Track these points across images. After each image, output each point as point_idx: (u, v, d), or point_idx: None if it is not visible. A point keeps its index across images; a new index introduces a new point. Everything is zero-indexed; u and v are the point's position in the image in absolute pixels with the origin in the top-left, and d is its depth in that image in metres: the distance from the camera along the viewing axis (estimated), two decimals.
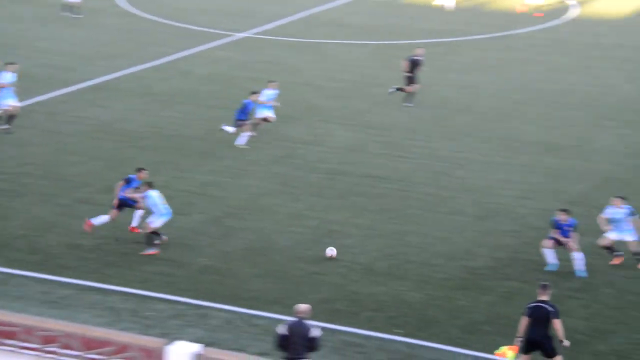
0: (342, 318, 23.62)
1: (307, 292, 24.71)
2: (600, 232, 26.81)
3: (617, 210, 26.55)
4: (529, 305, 20.85)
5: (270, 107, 36.02)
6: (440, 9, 58.66)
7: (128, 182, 27.48)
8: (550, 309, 20.58)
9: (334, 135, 36.77)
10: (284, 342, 19.44)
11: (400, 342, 22.70)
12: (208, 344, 18.92)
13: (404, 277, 25.90)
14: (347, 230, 28.52)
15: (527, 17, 56.26)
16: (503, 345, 20.99)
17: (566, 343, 20.59)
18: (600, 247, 26.71)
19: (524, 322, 20.76)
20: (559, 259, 26.37)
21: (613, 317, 23.98)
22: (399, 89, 39.98)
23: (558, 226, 26.25)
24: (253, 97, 35.14)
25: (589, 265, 26.28)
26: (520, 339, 20.75)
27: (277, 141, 35.54)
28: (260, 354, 21.08)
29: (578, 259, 25.93)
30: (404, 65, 40.03)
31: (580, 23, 55.22)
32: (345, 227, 28.72)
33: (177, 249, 26.77)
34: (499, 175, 32.91)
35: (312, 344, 19.42)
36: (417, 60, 40.04)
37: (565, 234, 26.10)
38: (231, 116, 35.18)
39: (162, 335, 20.95)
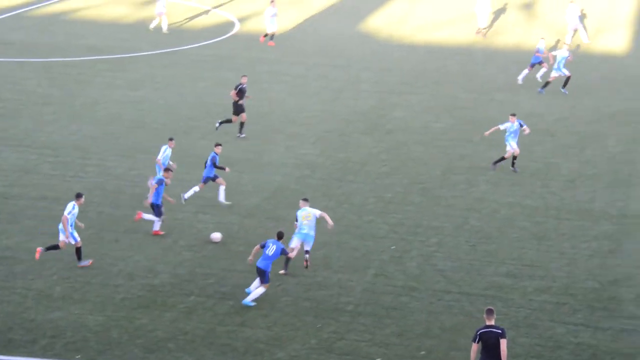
0: (18, 348, 22.96)
1: None
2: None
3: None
4: (478, 331, 20.53)
5: None
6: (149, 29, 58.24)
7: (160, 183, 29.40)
8: (498, 331, 20.43)
9: (1, 158, 35.64)
10: None
11: None
12: None
13: (83, 300, 25.56)
14: (19, 256, 27.74)
15: (193, 34, 56.97)
16: None
17: None
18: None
19: (474, 348, 20.48)
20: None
21: (291, 324, 24.87)
22: (224, 122, 39.40)
23: None
24: None
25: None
26: None
27: None
28: None
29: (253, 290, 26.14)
30: (233, 95, 39.59)
31: (242, 39, 56.62)
32: (17, 253, 27.92)
33: None
34: (175, 191, 33.15)
35: None
36: (243, 88, 39.77)
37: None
38: None
39: None
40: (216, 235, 28.00)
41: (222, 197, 32.45)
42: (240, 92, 39.71)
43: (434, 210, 32.56)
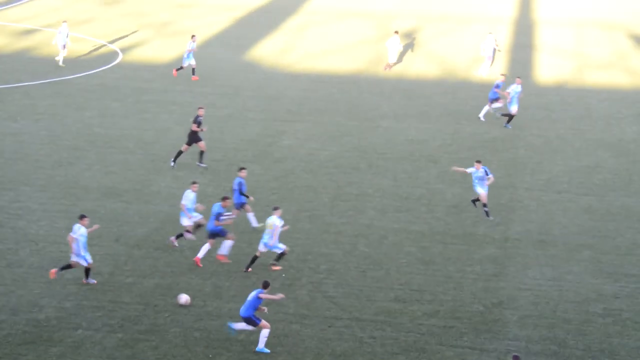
0: None
1: None
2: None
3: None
4: None
5: None
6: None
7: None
8: None
9: None
10: None
11: None
12: None
13: None
14: None
15: (76, 64, 56.32)
16: None
17: None
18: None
19: None
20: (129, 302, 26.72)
21: (181, 356, 24.70)
22: (177, 156, 39.40)
23: None
24: None
25: (155, 306, 26.96)
26: None
27: None
28: None
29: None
30: (194, 127, 39.15)
31: (126, 68, 56.17)
32: None
33: None
34: (61, 223, 32.67)
35: None
36: (199, 120, 39.26)
37: None
38: None
39: None
40: (184, 298, 27.07)
41: (254, 222, 33.01)
42: (198, 124, 39.70)
43: (323, 237, 32.79)
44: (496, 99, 47.54)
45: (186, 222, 31.20)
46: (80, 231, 27.85)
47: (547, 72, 58.54)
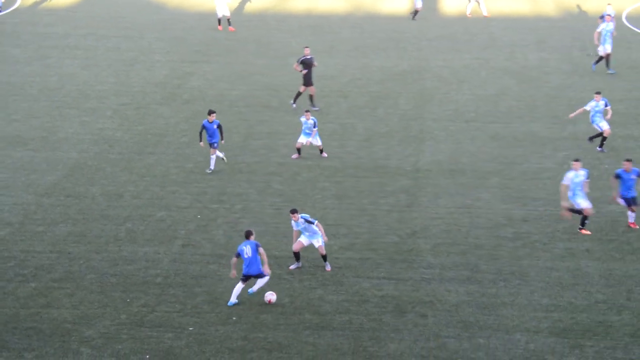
0: None
1: None
2: None
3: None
4: None
5: None
6: None
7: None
8: None
9: None
10: None
11: None
12: None
13: None
14: None
15: None
16: None
17: None
18: None
19: None
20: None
21: (98, 301, 24.55)
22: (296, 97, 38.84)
23: None
24: None
25: (69, 253, 26.73)
26: None
27: None
28: None
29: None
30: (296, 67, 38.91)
31: (26, 13, 54.91)
32: None
33: None
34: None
35: None
36: (307, 60, 38.84)
37: None
38: None
39: None
40: (271, 296, 25.75)
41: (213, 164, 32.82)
42: (304, 64, 38.92)
43: (236, 177, 32.72)
44: None
45: None
46: None
47: (451, 3, 58.82)
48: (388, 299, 24.76)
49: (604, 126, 34.76)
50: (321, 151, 34.44)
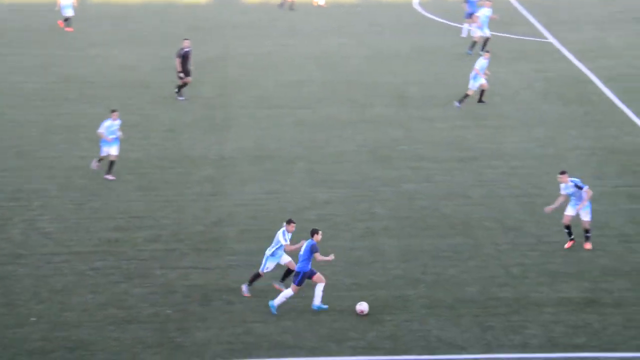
0: None
1: None
2: None
3: None
4: None
5: None
6: None
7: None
8: None
9: None
10: None
11: None
12: None
13: None
14: None
15: None
16: None
17: None
18: None
19: None
20: None
21: None
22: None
23: None
24: None
25: None
26: None
27: None
28: None
29: None
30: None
31: None
32: None
33: None
34: None
35: None
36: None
37: None
38: None
39: None
40: (363, 307, 23.90)
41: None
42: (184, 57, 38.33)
43: (35, 173, 31.73)
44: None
45: None
46: None
47: None
48: (195, 289, 24.52)
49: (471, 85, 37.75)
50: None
